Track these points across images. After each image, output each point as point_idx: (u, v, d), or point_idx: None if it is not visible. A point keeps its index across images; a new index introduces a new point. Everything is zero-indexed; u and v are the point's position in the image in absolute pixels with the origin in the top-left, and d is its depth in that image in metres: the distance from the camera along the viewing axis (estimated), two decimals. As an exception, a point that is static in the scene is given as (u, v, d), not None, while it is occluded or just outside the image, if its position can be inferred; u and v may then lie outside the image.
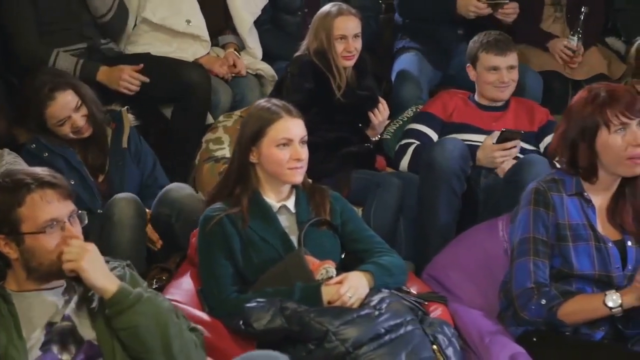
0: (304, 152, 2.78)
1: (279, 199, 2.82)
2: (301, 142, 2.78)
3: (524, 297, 2.61)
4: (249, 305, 2.55)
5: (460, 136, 3.66)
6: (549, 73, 4.42)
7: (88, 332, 2.22)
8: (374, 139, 3.77)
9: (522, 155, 3.56)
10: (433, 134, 3.78)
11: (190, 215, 3.14)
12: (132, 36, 4.07)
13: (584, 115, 2.62)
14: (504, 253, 2.97)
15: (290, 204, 2.83)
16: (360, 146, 3.68)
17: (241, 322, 2.53)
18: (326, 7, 3.74)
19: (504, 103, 3.84)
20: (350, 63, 3.69)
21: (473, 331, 2.74)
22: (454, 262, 3.11)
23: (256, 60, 4.30)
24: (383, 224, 3.39)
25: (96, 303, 2.22)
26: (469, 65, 3.83)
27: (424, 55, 4.34)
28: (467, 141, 3.60)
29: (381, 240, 2.89)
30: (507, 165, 3.51)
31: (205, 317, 2.66)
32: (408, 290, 2.79)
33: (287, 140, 2.75)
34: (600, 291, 2.58)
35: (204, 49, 4.12)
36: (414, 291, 2.81)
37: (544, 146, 3.69)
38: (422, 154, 3.59)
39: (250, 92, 4.13)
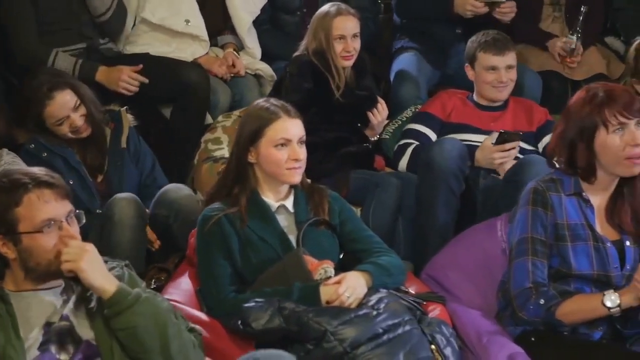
0: (302, 152, 2.78)
1: (278, 199, 2.82)
2: (299, 142, 2.78)
3: (522, 297, 2.61)
4: (247, 305, 2.55)
5: (458, 136, 3.66)
6: (547, 73, 4.42)
7: (86, 332, 2.21)
8: (372, 139, 3.77)
9: (521, 156, 3.56)
10: (432, 134, 3.78)
11: (188, 215, 3.14)
12: (131, 36, 4.06)
13: (582, 115, 2.62)
14: (502, 253, 2.97)
15: (289, 203, 2.82)
16: (359, 146, 3.68)
17: (239, 322, 2.53)
18: (325, 7, 3.74)
19: (502, 103, 3.83)
20: (349, 63, 3.68)
21: (471, 331, 2.74)
22: (452, 262, 3.11)
23: (255, 60, 4.30)
24: (382, 224, 3.39)
25: (94, 303, 2.22)
26: (467, 65, 3.83)
27: (422, 55, 4.33)
28: (465, 141, 3.60)
29: (380, 240, 2.88)
30: (507, 166, 3.50)
31: (204, 317, 2.66)
32: (406, 290, 2.79)
33: (285, 141, 2.75)
34: (598, 291, 2.58)
35: (203, 49, 4.11)
36: (412, 291, 2.82)
37: (542, 146, 3.68)
38: (420, 154, 3.59)
39: (249, 92, 4.12)
